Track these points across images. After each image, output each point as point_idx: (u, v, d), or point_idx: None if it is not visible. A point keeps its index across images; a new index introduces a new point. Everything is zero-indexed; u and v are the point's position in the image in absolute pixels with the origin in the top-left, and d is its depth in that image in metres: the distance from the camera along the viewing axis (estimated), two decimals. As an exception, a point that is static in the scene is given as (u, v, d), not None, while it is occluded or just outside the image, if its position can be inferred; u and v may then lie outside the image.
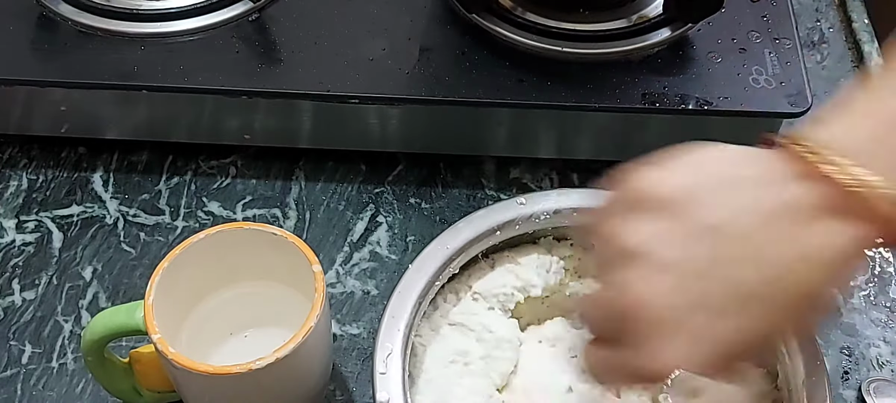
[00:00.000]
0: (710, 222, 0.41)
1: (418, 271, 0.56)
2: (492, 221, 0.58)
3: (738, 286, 0.41)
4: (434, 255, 0.56)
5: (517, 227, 0.58)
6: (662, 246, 0.41)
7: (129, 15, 0.70)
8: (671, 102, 0.66)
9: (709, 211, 0.41)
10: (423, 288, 0.55)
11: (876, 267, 0.67)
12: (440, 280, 0.56)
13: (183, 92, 0.67)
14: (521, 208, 0.58)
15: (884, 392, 0.61)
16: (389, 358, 0.52)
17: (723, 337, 0.41)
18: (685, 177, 0.42)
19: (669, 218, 0.41)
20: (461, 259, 0.57)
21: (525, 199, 0.59)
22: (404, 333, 0.53)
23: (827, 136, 0.41)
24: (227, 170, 0.72)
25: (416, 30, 0.70)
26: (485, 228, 0.58)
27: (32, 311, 0.64)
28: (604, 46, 0.69)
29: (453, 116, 0.68)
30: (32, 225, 0.68)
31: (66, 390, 0.61)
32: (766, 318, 0.41)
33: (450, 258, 0.56)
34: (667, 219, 0.41)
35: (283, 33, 0.70)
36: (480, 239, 0.58)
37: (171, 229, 0.68)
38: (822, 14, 0.82)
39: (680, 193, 0.42)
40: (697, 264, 0.41)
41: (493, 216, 0.58)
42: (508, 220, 0.58)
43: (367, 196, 0.70)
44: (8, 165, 0.71)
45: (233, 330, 0.59)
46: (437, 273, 0.56)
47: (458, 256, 0.57)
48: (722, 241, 0.41)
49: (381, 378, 0.52)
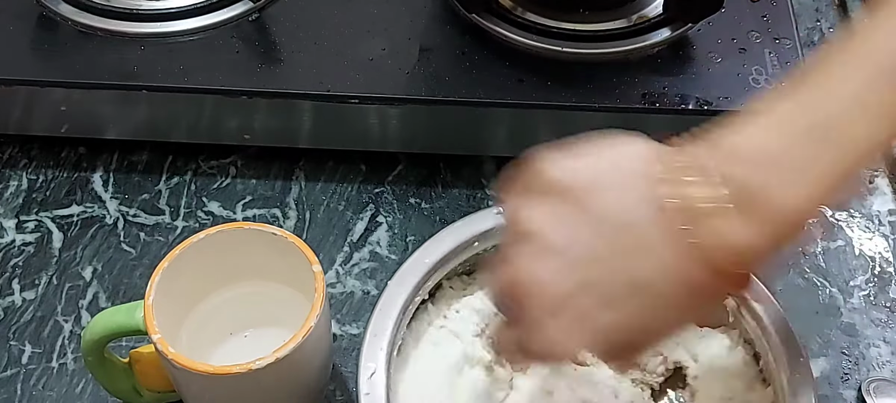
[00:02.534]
0: (605, 212, 0.42)
1: (399, 285, 0.56)
2: (470, 231, 0.58)
3: (626, 276, 0.42)
4: (413, 269, 0.57)
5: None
6: (555, 230, 0.43)
7: (129, 15, 0.70)
8: (671, 102, 0.66)
9: (605, 201, 0.42)
10: (404, 303, 0.55)
11: (876, 267, 0.67)
12: (420, 294, 0.57)
13: (183, 92, 0.67)
14: (499, 218, 0.58)
15: (884, 392, 0.61)
16: (373, 378, 0.52)
17: (609, 324, 0.42)
18: (588, 166, 0.44)
19: (566, 204, 0.43)
20: (440, 273, 0.57)
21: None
22: (387, 352, 0.53)
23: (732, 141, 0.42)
24: (227, 170, 0.72)
25: (416, 30, 0.70)
26: (464, 239, 0.58)
27: (32, 311, 0.64)
28: (604, 46, 0.69)
29: (453, 116, 0.68)
30: (32, 225, 0.68)
31: (66, 390, 0.61)
32: (654, 310, 0.42)
33: (428, 272, 0.57)
34: (564, 205, 0.43)
35: (283, 33, 0.70)
36: (460, 252, 0.58)
37: (171, 229, 0.68)
38: (822, 14, 0.82)
39: (580, 181, 0.43)
40: (588, 250, 0.42)
41: (472, 226, 0.58)
42: (487, 230, 0.58)
43: (367, 196, 0.70)
44: (8, 165, 0.71)
45: (233, 330, 0.59)
46: (418, 287, 0.56)
47: (438, 270, 0.57)
48: (614, 231, 0.42)
49: (365, 398, 0.52)
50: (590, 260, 0.42)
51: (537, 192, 0.44)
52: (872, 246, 0.68)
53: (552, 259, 0.43)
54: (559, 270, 0.42)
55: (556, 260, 0.42)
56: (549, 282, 0.43)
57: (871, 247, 0.68)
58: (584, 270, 0.42)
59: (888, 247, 0.68)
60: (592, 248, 0.42)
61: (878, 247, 0.68)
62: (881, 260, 0.68)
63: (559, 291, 0.42)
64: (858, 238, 0.69)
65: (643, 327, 0.43)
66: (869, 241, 0.68)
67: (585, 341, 0.43)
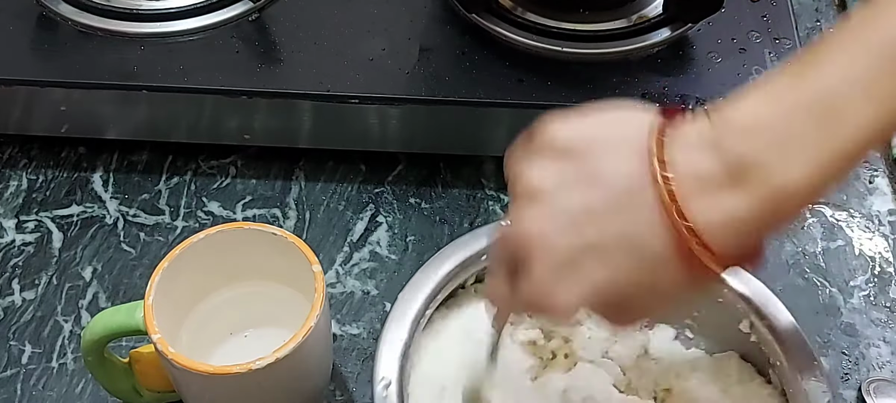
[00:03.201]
0: (603, 172, 0.43)
1: (413, 292, 0.55)
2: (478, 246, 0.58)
3: (621, 234, 0.42)
4: (427, 277, 0.56)
5: None
6: (560, 188, 0.43)
7: (129, 15, 0.70)
8: (671, 102, 0.66)
9: (604, 162, 0.43)
10: (417, 312, 0.55)
11: (876, 267, 0.67)
12: (434, 303, 0.56)
13: (183, 92, 0.67)
14: None
15: (884, 392, 0.61)
16: (389, 389, 0.52)
17: (605, 279, 0.43)
18: (592, 128, 0.45)
19: (568, 162, 0.44)
20: (454, 282, 0.57)
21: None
22: (400, 362, 0.53)
23: (730, 113, 0.42)
24: (227, 170, 0.72)
25: (416, 30, 0.70)
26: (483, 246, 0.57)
27: (32, 311, 0.64)
28: (604, 46, 0.69)
29: (453, 116, 0.68)
30: (32, 225, 0.68)
31: (66, 390, 0.61)
32: (650, 271, 0.43)
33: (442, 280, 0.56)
34: (565, 163, 0.44)
35: (283, 33, 0.70)
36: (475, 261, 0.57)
37: (171, 229, 0.68)
38: (822, 14, 0.82)
39: (582, 141, 0.44)
40: (586, 207, 0.43)
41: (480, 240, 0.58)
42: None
43: (367, 196, 0.70)
44: (8, 165, 0.71)
45: (233, 330, 0.59)
46: (431, 295, 0.56)
47: (452, 279, 0.57)
48: (612, 192, 0.42)
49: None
50: (588, 216, 0.43)
51: (541, 151, 0.45)
52: (872, 246, 0.68)
53: (560, 216, 0.43)
54: (566, 227, 0.43)
55: (564, 217, 0.43)
56: (552, 237, 0.43)
57: (871, 247, 0.68)
58: (582, 227, 0.43)
59: (888, 247, 0.68)
60: (591, 205, 0.43)
61: (878, 247, 0.68)
62: (881, 260, 0.68)
63: (561, 245, 0.43)
64: (858, 238, 0.69)
65: (637, 282, 0.43)
66: (869, 241, 0.68)
67: (584, 295, 0.44)
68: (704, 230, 0.41)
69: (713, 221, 0.41)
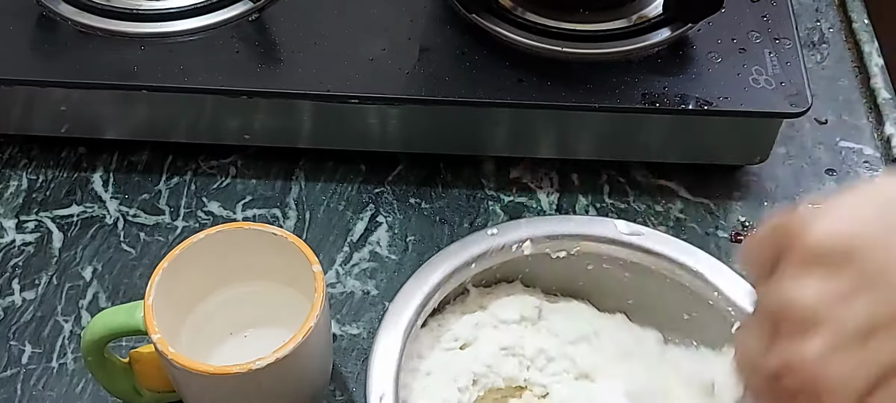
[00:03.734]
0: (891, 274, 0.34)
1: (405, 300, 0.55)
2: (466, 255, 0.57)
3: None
4: (418, 284, 0.55)
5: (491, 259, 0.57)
6: (843, 312, 0.34)
7: (129, 15, 0.70)
8: (671, 102, 0.66)
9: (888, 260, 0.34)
10: (409, 322, 0.54)
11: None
12: (425, 313, 0.55)
13: (183, 92, 0.67)
14: (492, 239, 0.57)
15: (884, 392, 0.60)
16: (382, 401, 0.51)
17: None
18: (855, 220, 0.35)
19: (844, 274, 0.35)
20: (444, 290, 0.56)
21: (496, 229, 0.57)
22: (395, 373, 0.52)
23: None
24: (227, 170, 0.72)
25: (416, 30, 0.70)
26: (482, 250, 0.57)
27: (32, 311, 0.64)
28: (604, 46, 0.69)
29: (453, 116, 0.68)
30: (32, 225, 0.68)
31: (66, 390, 0.61)
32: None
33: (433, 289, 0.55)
34: (841, 275, 0.35)
35: (283, 33, 0.70)
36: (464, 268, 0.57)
37: (171, 229, 0.68)
38: (822, 14, 0.82)
39: (854, 241, 0.35)
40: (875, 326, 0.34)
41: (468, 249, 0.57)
42: (481, 253, 0.57)
43: (367, 196, 0.70)
44: (8, 165, 0.71)
45: (233, 330, 0.59)
46: (422, 305, 0.55)
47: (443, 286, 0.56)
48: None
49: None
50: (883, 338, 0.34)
51: (801, 264, 0.36)
52: (872, 246, 0.68)
53: (846, 348, 0.34)
54: (860, 364, 0.34)
55: (852, 349, 0.34)
56: (848, 379, 0.34)
57: (871, 247, 0.68)
58: (882, 356, 0.34)
59: (888, 247, 0.68)
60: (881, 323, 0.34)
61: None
62: (881, 260, 0.67)
63: (858, 388, 0.34)
64: (858, 238, 0.68)
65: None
66: (869, 241, 0.68)
67: None
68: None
69: None
